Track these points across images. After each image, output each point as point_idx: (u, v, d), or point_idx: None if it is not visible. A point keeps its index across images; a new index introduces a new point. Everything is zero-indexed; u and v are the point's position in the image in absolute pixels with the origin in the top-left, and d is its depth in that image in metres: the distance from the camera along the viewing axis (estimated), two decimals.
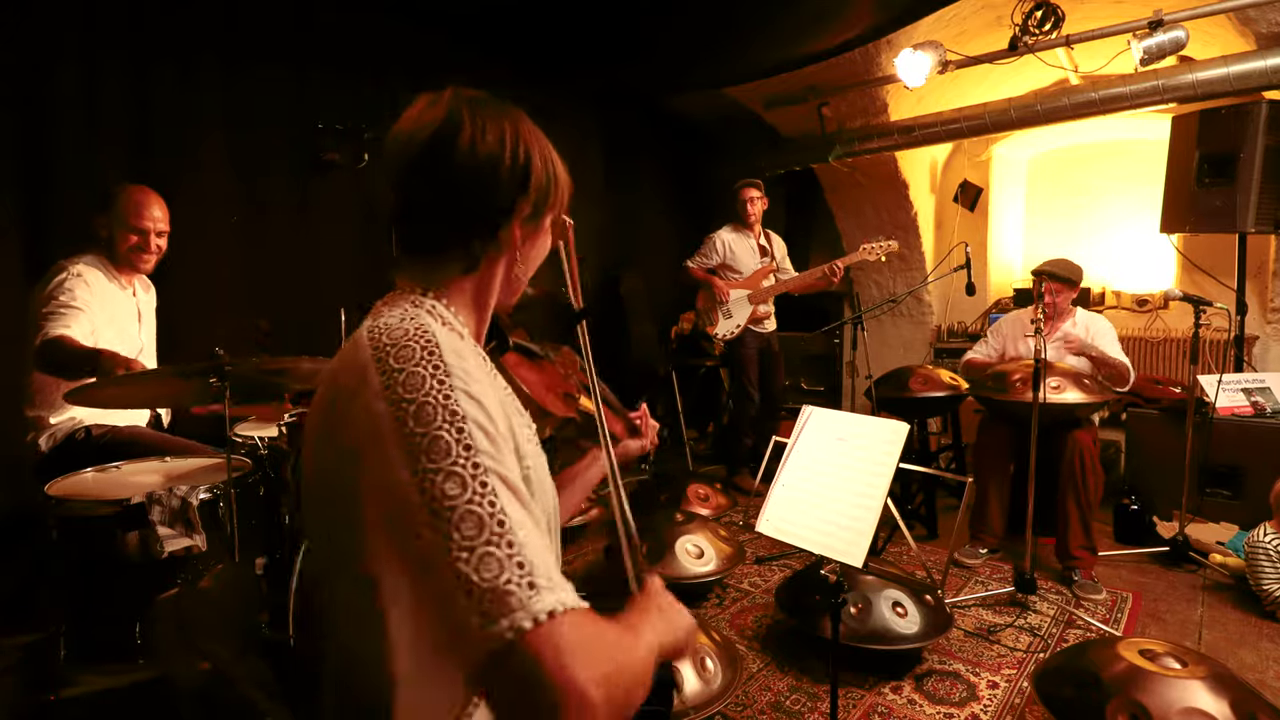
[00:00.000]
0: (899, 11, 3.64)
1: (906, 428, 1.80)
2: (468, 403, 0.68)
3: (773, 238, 4.32)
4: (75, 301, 2.09)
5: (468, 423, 0.66)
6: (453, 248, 0.85)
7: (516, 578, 0.60)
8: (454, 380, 0.69)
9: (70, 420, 2.18)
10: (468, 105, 0.83)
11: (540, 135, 0.88)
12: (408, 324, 0.75)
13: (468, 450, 0.65)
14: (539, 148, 0.86)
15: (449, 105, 0.83)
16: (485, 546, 0.61)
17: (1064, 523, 2.90)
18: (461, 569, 0.60)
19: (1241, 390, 3.37)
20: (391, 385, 0.68)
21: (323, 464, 0.76)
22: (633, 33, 3.74)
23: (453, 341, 0.74)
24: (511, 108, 0.87)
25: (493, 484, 0.64)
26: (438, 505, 0.63)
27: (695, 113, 5.45)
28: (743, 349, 4.22)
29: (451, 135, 0.81)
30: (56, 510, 1.77)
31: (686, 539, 2.78)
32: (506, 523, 0.63)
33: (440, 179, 0.81)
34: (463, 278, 0.86)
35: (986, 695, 2.17)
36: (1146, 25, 3.19)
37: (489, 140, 0.82)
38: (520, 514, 0.65)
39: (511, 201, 0.84)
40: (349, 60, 3.49)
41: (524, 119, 0.87)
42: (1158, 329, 4.55)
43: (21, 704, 1.82)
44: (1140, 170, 4.56)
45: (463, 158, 0.81)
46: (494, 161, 0.82)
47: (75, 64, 2.71)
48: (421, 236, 0.86)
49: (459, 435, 0.66)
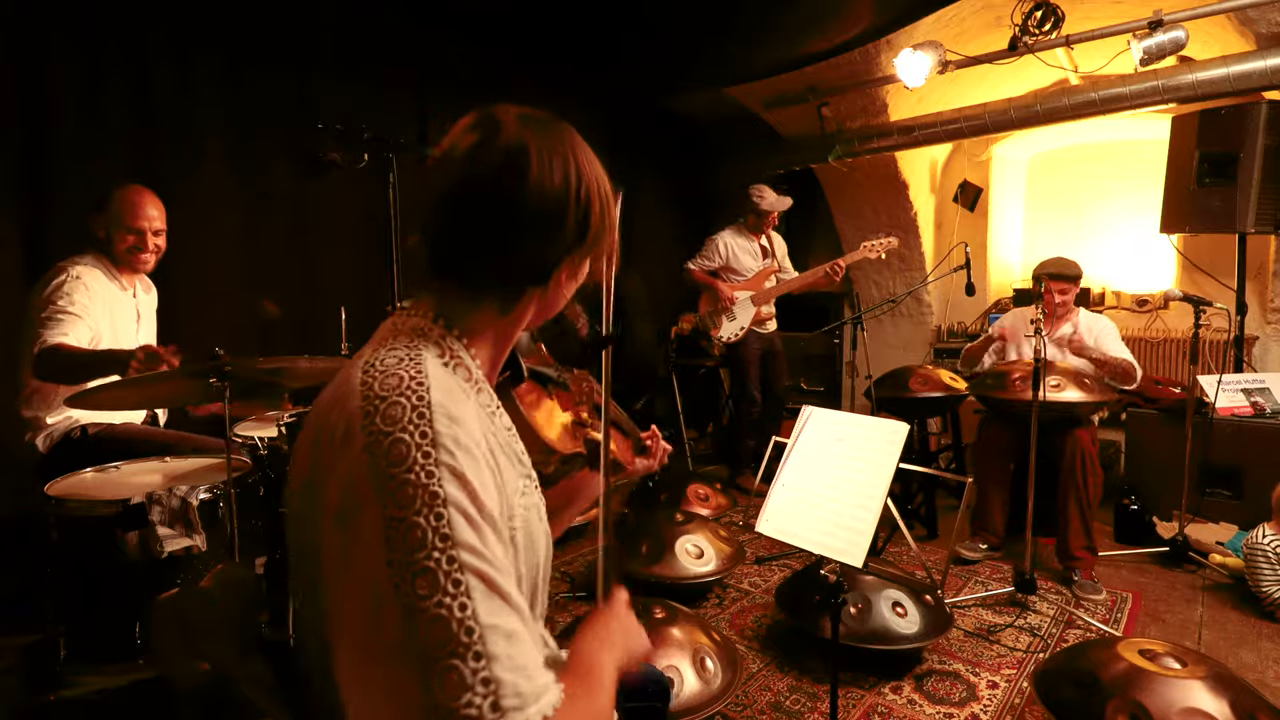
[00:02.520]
0: (899, 11, 3.64)
1: (906, 428, 1.81)
2: (451, 483, 0.62)
3: (774, 238, 4.32)
4: (73, 307, 2.08)
5: (448, 508, 0.61)
6: (494, 289, 0.78)
7: (479, 699, 0.57)
8: (440, 454, 0.63)
9: (67, 420, 2.18)
10: (532, 133, 0.75)
11: (595, 160, 0.81)
12: (404, 370, 0.68)
13: (444, 541, 0.60)
14: (599, 181, 0.80)
15: (514, 133, 0.75)
16: (450, 659, 0.57)
17: (1064, 523, 2.90)
18: (427, 680, 0.57)
19: (1241, 390, 3.37)
20: (375, 453, 0.63)
21: (304, 507, 0.71)
22: (632, 33, 3.74)
23: (449, 399, 0.67)
24: (570, 131, 0.80)
25: (467, 583, 0.59)
26: (409, 602, 0.58)
27: (695, 113, 5.45)
28: (745, 350, 4.23)
29: (519, 172, 0.73)
30: (56, 510, 1.77)
31: (686, 539, 2.78)
32: (475, 630, 0.58)
33: (500, 219, 0.74)
34: (493, 315, 0.80)
35: (986, 695, 2.17)
36: (1146, 25, 3.19)
37: (556, 179, 0.75)
38: (497, 616, 0.60)
39: (568, 250, 0.78)
40: (349, 60, 3.49)
41: (582, 145, 0.80)
42: (1158, 329, 4.55)
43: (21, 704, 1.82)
44: (1140, 170, 4.56)
45: (530, 200, 0.74)
46: (560, 205, 0.75)
47: (75, 64, 2.71)
48: (461, 270, 0.77)
49: (436, 523, 0.60)
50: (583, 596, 2.80)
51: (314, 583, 0.70)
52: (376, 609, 0.59)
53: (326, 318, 2.54)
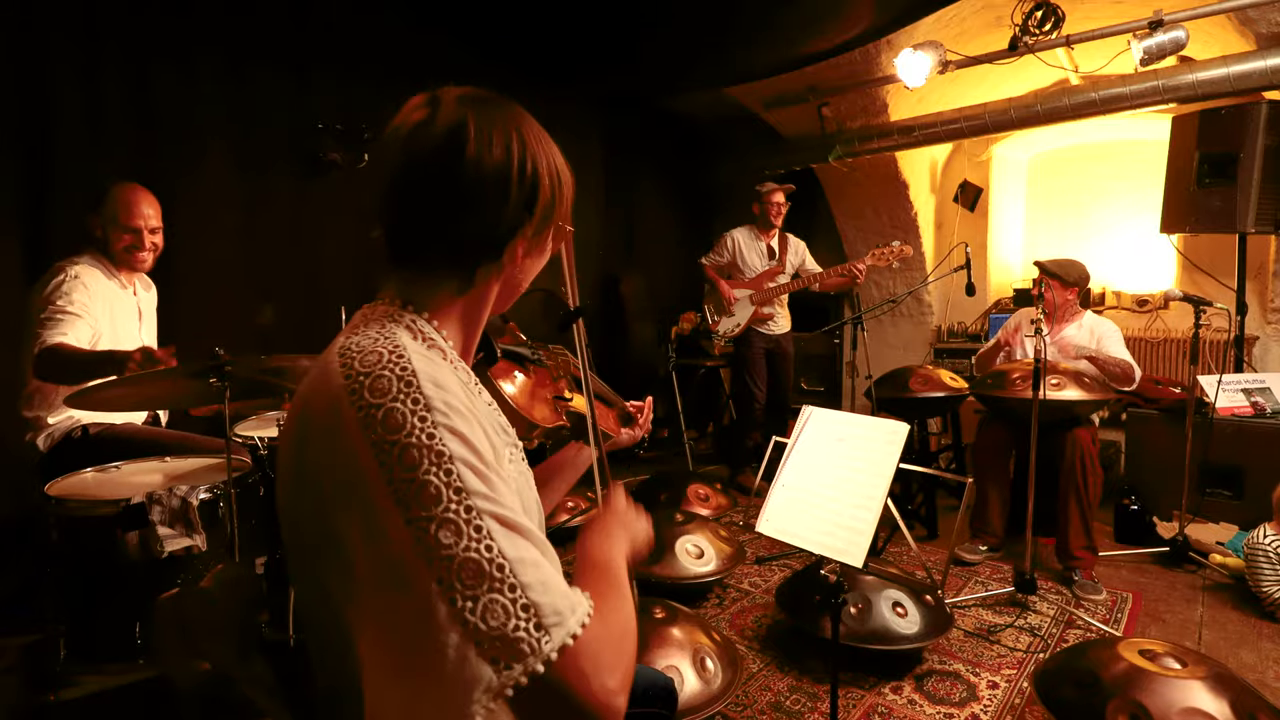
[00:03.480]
0: (899, 11, 3.64)
1: (906, 428, 1.80)
2: (452, 440, 0.64)
3: (789, 240, 4.31)
4: (72, 307, 2.07)
5: (455, 463, 0.63)
6: (448, 268, 0.79)
7: (524, 622, 0.61)
8: (435, 416, 0.65)
9: (68, 419, 2.17)
10: (472, 110, 0.76)
11: (544, 138, 0.82)
12: (381, 347, 0.69)
13: (459, 494, 0.62)
14: (546, 155, 0.80)
15: (453, 111, 0.76)
16: (489, 594, 0.60)
17: (1064, 523, 2.90)
18: (469, 619, 0.60)
19: (1241, 390, 3.37)
20: (370, 424, 0.64)
21: (299, 506, 0.72)
22: (632, 33, 3.74)
23: (431, 366, 0.69)
24: (514, 108, 0.81)
25: (488, 526, 0.63)
26: (434, 555, 0.61)
27: (695, 113, 5.45)
28: (748, 349, 4.24)
29: (456, 148, 0.74)
30: (56, 510, 1.77)
31: (686, 539, 2.78)
32: (506, 565, 0.62)
33: (441, 197, 0.75)
34: (454, 295, 0.80)
35: (986, 695, 2.17)
36: (1146, 25, 3.19)
37: (495, 153, 0.75)
38: (520, 549, 0.63)
39: (519, 221, 0.78)
40: (349, 60, 3.49)
41: (528, 121, 0.81)
42: (1158, 329, 4.54)
43: (21, 704, 1.82)
44: (1140, 170, 4.56)
45: (468, 175, 0.74)
46: (501, 178, 0.76)
47: (75, 64, 2.71)
48: (415, 253, 0.79)
49: (448, 479, 0.63)
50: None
51: (315, 575, 0.71)
52: (403, 569, 0.61)
53: (326, 318, 2.54)
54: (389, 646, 0.63)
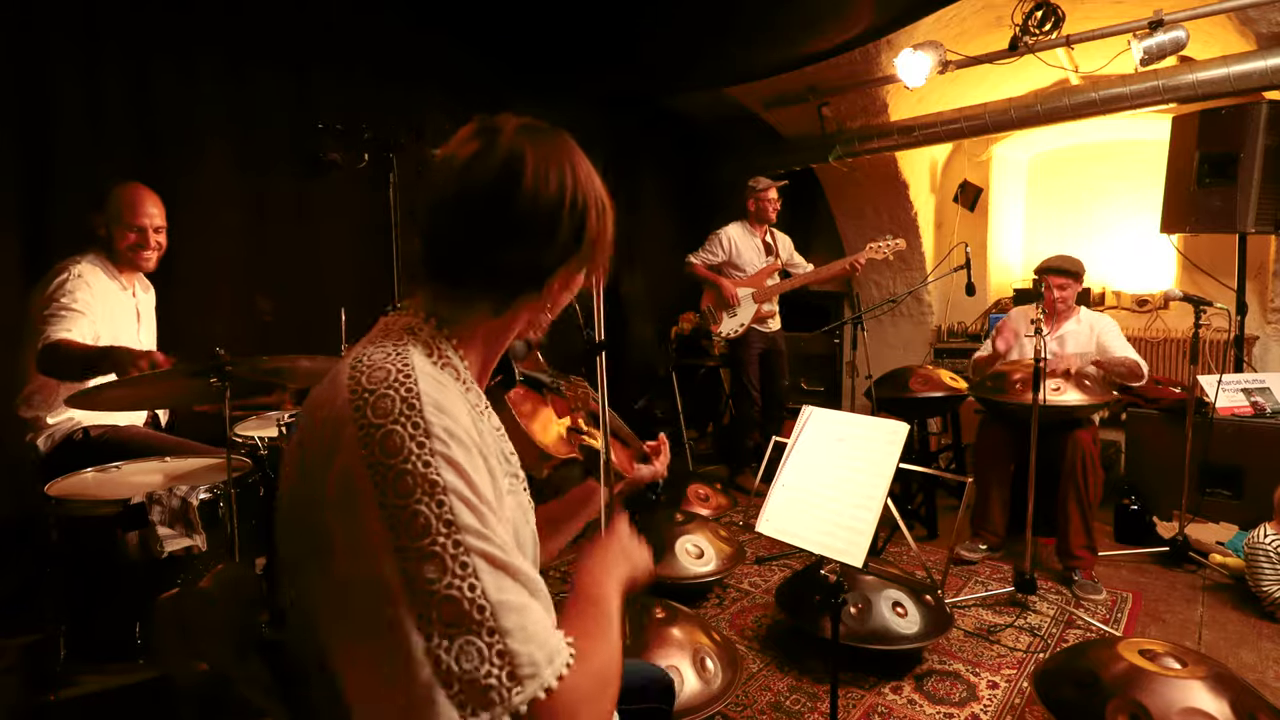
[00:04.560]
0: (899, 11, 3.64)
1: (906, 428, 1.80)
2: (448, 471, 0.63)
3: (777, 235, 4.32)
4: (75, 304, 2.08)
5: (449, 495, 0.62)
6: (485, 292, 0.79)
7: (497, 670, 0.59)
8: (434, 444, 0.64)
9: (68, 420, 2.18)
10: (530, 142, 0.77)
11: (593, 172, 0.82)
12: (391, 364, 0.69)
13: (448, 527, 0.61)
14: (595, 191, 0.80)
15: (511, 142, 0.76)
16: (465, 635, 0.59)
17: (1064, 523, 2.90)
18: (443, 658, 0.59)
19: (1241, 390, 3.37)
20: (369, 444, 0.64)
21: (295, 510, 0.72)
22: (632, 32, 3.73)
23: (437, 390, 0.68)
24: (568, 141, 0.81)
25: (474, 564, 0.61)
26: (416, 588, 0.60)
27: (695, 113, 5.45)
28: (746, 349, 4.22)
29: (512, 178, 0.74)
30: (56, 510, 1.77)
31: (686, 539, 2.78)
32: (488, 608, 0.60)
33: (494, 226, 0.75)
34: (484, 321, 0.81)
35: (986, 695, 2.17)
36: (1146, 25, 3.19)
37: (551, 187, 0.75)
38: (505, 591, 0.62)
39: (565, 255, 0.78)
40: (349, 60, 3.49)
41: (579, 154, 0.81)
42: (1158, 329, 4.54)
43: (21, 704, 1.82)
44: (1140, 170, 4.56)
45: (523, 207, 0.75)
46: (554, 212, 0.76)
47: (76, 63, 2.71)
48: (455, 274, 0.79)
49: (439, 510, 0.62)
50: None
51: (306, 585, 0.71)
52: (385, 595, 0.60)
53: (326, 318, 2.54)
54: (363, 669, 0.63)
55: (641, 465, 1.33)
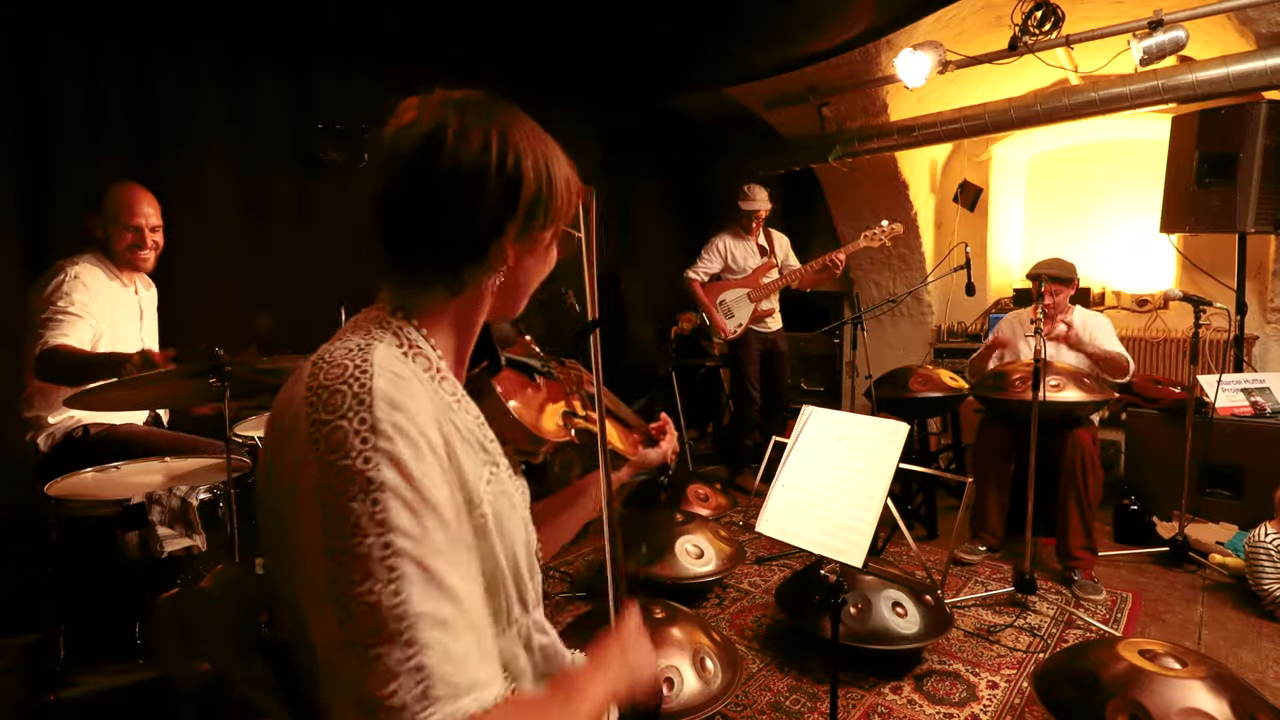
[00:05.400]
0: (899, 11, 3.64)
1: (906, 428, 1.80)
2: (388, 469, 0.61)
3: (774, 235, 4.33)
4: (73, 307, 2.08)
5: (385, 493, 0.60)
6: (436, 271, 0.78)
7: (409, 686, 0.56)
8: (379, 440, 0.62)
9: (68, 420, 2.18)
10: (454, 110, 0.75)
11: (539, 137, 0.80)
12: (350, 359, 0.67)
13: (379, 526, 0.59)
14: (535, 153, 0.78)
15: (433, 112, 0.75)
16: (378, 647, 0.57)
17: (1064, 523, 2.90)
18: (355, 666, 0.57)
19: (1241, 390, 3.37)
20: (318, 440, 0.63)
21: (265, 501, 0.72)
22: (632, 33, 3.74)
23: (395, 386, 0.66)
24: (506, 108, 0.79)
25: (402, 569, 0.59)
26: (340, 589, 0.58)
27: (695, 112, 5.45)
28: (744, 351, 4.23)
29: (434, 148, 0.73)
30: (56, 510, 1.77)
31: (686, 539, 2.78)
32: (407, 618, 0.58)
33: (420, 197, 0.74)
34: (445, 300, 0.79)
35: (986, 695, 2.17)
36: (1146, 25, 3.19)
37: (471, 150, 0.73)
38: (433, 603, 0.60)
39: (500, 218, 0.76)
40: (349, 60, 3.49)
41: (519, 121, 0.79)
42: (1158, 329, 4.54)
43: (21, 704, 1.82)
44: (1140, 170, 4.56)
45: (444, 173, 0.73)
46: (477, 174, 0.73)
47: (76, 63, 2.71)
48: (403, 256, 0.78)
49: (372, 509, 0.60)
50: (582, 596, 2.80)
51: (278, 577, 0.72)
52: (317, 595, 0.60)
53: (326, 317, 2.54)
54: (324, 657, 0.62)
55: (648, 449, 1.28)
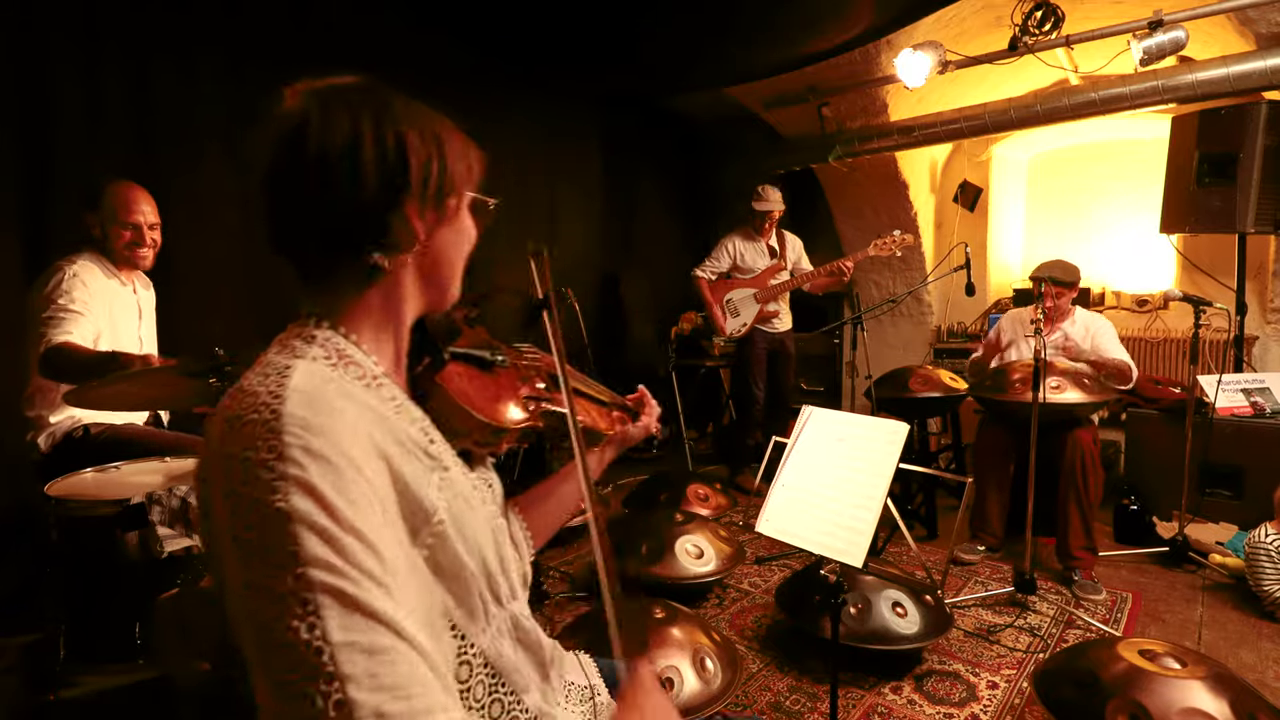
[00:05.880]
0: (899, 11, 3.64)
1: (906, 428, 1.80)
2: (299, 497, 0.57)
3: (786, 237, 4.32)
4: (74, 305, 2.08)
5: (295, 524, 0.56)
6: (337, 265, 0.74)
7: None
8: (287, 468, 0.58)
9: (69, 419, 2.18)
10: (316, 98, 0.73)
11: (422, 113, 0.77)
12: (265, 385, 0.64)
13: (290, 559, 0.56)
14: (416, 125, 0.75)
15: (296, 104, 0.73)
16: (300, 684, 0.54)
17: (1064, 523, 2.90)
18: (284, 708, 0.54)
19: (1241, 390, 3.37)
20: (229, 473, 0.60)
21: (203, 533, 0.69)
22: (632, 33, 3.74)
23: (307, 405, 0.62)
24: (379, 90, 0.76)
25: (316, 601, 0.55)
26: (259, 622, 0.56)
27: (695, 113, 5.45)
28: (751, 349, 4.23)
29: (297, 138, 0.70)
30: (56, 510, 1.77)
31: (686, 539, 2.78)
32: (325, 650, 0.54)
33: (294, 190, 0.71)
34: (363, 296, 0.75)
35: (986, 695, 2.17)
36: (1146, 25, 3.19)
37: (337, 133, 0.70)
38: (355, 632, 0.56)
39: (390, 195, 0.72)
40: (349, 61, 3.45)
41: (395, 101, 0.76)
42: (1157, 329, 4.55)
43: (21, 704, 1.82)
44: (1140, 170, 4.56)
45: (310, 160, 0.70)
46: (348, 156, 0.70)
47: (76, 63, 2.71)
48: (300, 259, 0.75)
49: (280, 541, 0.56)
50: (583, 596, 2.80)
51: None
52: (248, 634, 0.58)
53: None
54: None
55: (629, 424, 1.24)
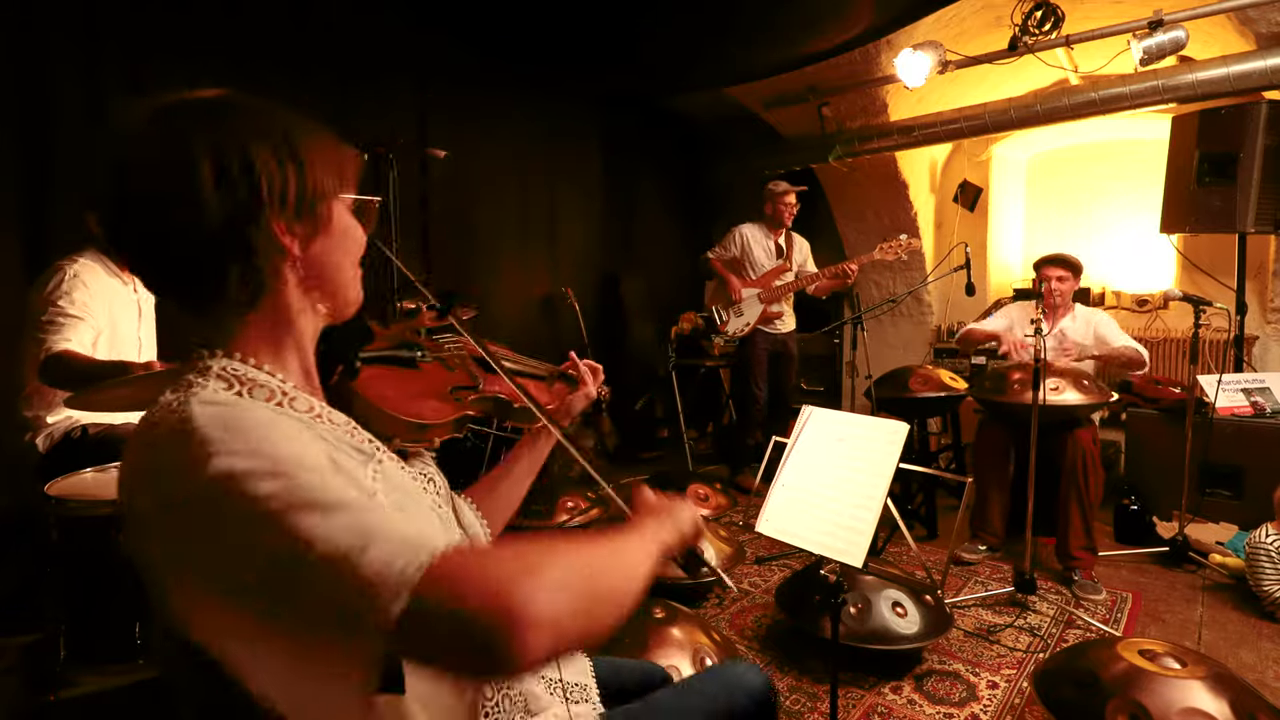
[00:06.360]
0: (899, 11, 3.64)
1: (906, 428, 1.80)
2: (224, 461, 0.60)
3: (795, 240, 4.32)
4: (73, 308, 2.08)
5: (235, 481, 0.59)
6: (209, 292, 0.71)
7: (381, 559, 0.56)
8: (210, 448, 0.60)
9: (67, 419, 2.18)
10: (152, 124, 0.70)
11: (278, 124, 0.74)
12: (168, 413, 0.64)
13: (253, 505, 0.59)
14: (270, 141, 0.71)
15: (131, 127, 0.70)
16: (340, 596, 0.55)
17: (1064, 523, 2.90)
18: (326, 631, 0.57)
19: (1241, 390, 3.36)
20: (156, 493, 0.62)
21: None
22: (632, 32, 3.74)
23: (225, 413, 0.63)
24: (225, 106, 0.74)
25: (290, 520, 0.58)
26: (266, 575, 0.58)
27: (695, 112, 5.45)
28: (753, 349, 4.23)
29: (123, 166, 0.68)
30: (56, 510, 1.77)
31: None
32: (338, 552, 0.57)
33: (135, 221, 0.68)
34: (250, 317, 0.72)
35: (986, 695, 2.17)
36: (1146, 25, 3.19)
37: (162, 154, 0.67)
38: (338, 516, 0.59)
39: (242, 215, 0.68)
40: (349, 61, 3.49)
41: (242, 116, 0.73)
42: (1157, 329, 4.55)
43: (21, 704, 1.82)
44: (1140, 170, 4.56)
45: (140, 185, 0.67)
46: (180, 175, 0.66)
47: (76, 63, 2.71)
48: (171, 291, 0.72)
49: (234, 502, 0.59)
50: None
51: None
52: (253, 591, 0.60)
53: None
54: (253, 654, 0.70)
55: (570, 394, 1.23)
